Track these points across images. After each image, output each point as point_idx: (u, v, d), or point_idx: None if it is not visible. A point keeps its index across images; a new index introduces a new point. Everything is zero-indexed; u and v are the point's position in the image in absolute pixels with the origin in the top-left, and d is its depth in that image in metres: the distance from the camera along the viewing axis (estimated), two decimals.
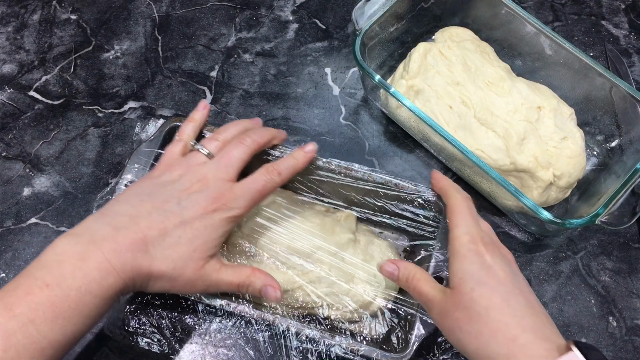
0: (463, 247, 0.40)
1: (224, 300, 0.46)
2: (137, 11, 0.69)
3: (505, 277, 0.38)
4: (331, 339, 0.44)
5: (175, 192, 0.42)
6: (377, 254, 0.50)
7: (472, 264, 0.39)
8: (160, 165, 0.46)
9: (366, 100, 0.63)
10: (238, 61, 0.66)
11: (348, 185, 0.50)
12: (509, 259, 0.41)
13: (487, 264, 0.39)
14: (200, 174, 0.44)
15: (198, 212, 0.41)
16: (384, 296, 0.48)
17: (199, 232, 0.41)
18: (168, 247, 0.40)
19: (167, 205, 0.42)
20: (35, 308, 0.35)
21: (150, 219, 0.41)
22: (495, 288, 0.37)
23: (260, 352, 0.50)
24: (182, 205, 0.42)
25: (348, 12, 0.69)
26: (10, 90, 0.64)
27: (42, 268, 0.37)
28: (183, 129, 0.48)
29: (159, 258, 0.40)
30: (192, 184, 0.43)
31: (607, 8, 0.69)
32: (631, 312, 0.53)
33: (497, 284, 0.38)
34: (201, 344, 0.51)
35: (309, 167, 0.49)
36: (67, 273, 0.37)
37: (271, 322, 0.45)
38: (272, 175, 0.45)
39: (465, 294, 0.38)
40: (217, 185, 0.43)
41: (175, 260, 0.41)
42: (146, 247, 0.40)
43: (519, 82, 0.55)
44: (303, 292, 0.48)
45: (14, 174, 0.59)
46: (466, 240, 0.40)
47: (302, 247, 0.48)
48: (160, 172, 0.45)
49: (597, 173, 0.57)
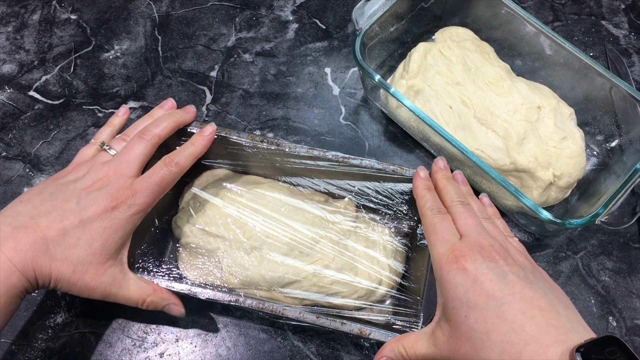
0: (443, 270, 0.38)
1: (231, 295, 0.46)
2: (137, 11, 0.69)
3: (492, 287, 0.36)
4: (341, 326, 0.45)
5: (76, 191, 0.42)
6: (379, 239, 0.51)
7: (457, 287, 0.37)
8: (69, 166, 0.46)
9: (366, 100, 0.63)
10: (238, 61, 0.66)
11: (346, 173, 0.51)
12: (511, 265, 0.38)
13: (471, 278, 0.37)
14: (102, 172, 0.43)
15: (97, 212, 0.41)
16: (388, 282, 0.49)
17: (97, 234, 0.41)
18: (68, 248, 0.40)
19: (66, 204, 0.41)
20: None
21: (49, 218, 0.40)
22: (487, 307, 0.35)
23: (266, 343, 0.50)
24: (82, 205, 0.41)
25: (348, 12, 0.69)
26: (10, 90, 0.64)
27: None
28: (99, 133, 0.49)
29: (59, 259, 0.40)
30: (93, 182, 0.43)
31: (607, 8, 0.69)
32: (631, 312, 0.53)
33: (486, 299, 0.36)
34: (201, 343, 0.51)
35: (307, 159, 0.50)
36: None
37: (279, 313, 0.45)
38: (170, 166, 0.45)
39: (462, 324, 0.36)
40: (118, 182, 0.43)
41: (75, 264, 0.40)
42: (47, 246, 0.39)
43: (519, 82, 0.55)
44: (308, 283, 0.48)
45: (14, 174, 0.59)
46: (444, 261, 0.39)
47: (304, 238, 0.49)
48: (67, 172, 0.45)
49: (597, 173, 0.57)
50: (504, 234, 0.42)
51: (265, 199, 0.50)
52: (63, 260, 0.40)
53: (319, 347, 0.51)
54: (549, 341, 0.33)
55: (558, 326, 0.34)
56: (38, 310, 0.52)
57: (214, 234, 0.50)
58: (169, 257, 0.53)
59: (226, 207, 0.50)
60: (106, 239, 0.42)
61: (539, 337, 0.33)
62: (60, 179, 0.44)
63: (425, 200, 0.44)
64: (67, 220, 0.41)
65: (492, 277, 0.36)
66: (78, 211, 0.41)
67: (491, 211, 0.47)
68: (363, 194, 0.53)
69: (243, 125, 0.62)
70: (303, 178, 0.53)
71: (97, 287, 0.42)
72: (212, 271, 0.49)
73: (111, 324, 0.52)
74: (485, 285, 0.36)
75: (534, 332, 0.33)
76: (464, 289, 0.37)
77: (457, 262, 0.38)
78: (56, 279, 0.40)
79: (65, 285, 0.41)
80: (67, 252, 0.40)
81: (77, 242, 0.41)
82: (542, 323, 0.34)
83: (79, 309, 0.52)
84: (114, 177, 0.43)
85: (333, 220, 0.51)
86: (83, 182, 0.43)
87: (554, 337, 0.33)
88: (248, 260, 0.48)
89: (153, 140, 0.46)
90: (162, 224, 0.53)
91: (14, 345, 0.50)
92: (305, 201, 0.51)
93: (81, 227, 0.41)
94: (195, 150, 0.47)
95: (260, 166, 0.54)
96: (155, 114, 0.49)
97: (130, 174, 0.44)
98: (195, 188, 0.52)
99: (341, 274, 0.48)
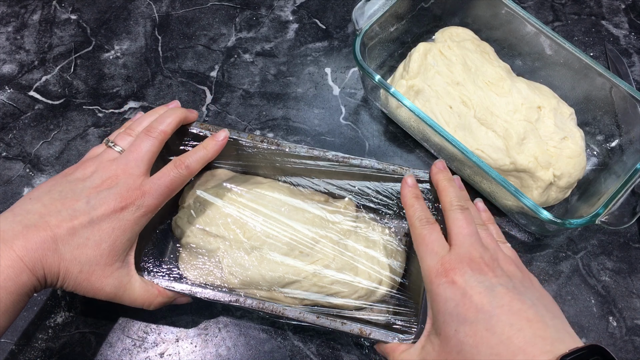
0: (433, 283, 0.39)
1: (231, 295, 0.46)
2: (137, 11, 0.69)
3: (481, 300, 0.36)
4: (341, 326, 0.45)
5: (85, 190, 0.42)
6: (379, 239, 0.51)
7: (448, 302, 0.37)
8: (78, 163, 0.46)
9: (366, 100, 0.63)
10: (238, 61, 0.66)
11: (346, 173, 0.51)
12: (499, 276, 0.38)
13: (460, 291, 0.37)
14: (110, 170, 0.43)
15: (107, 212, 0.41)
16: (389, 282, 0.49)
17: (106, 235, 0.41)
18: (76, 248, 0.40)
19: (76, 203, 0.41)
20: None
21: (59, 217, 0.40)
22: (476, 320, 0.36)
23: (266, 343, 0.50)
24: (91, 205, 0.41)
25: (348, 12, 0.69)
26: (10, 90, 0.64)
27: None
28: (112, 134, 0.49)
29: (67, 258, 0.40)
30: (102, 181, 0.43)
31: (607, 8, 0.69)
32: (631, 312, 0.53)
33: (475, 313, 0.36)
34: (201, 343, 0.51)
35: (307, 159, 0.50)
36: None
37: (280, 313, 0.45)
38: (180, 169, 0.45)
39: (452, 338, 0.36)
40: (127, 182, 0.43)
41: (83, 264, 0.40)
42: (56, 245, 0.40)
43: (519, 82, 0.55)
44: (308, 283, 0.48)
45: (14, 174, 0.59)
46: (434, 275, 0.39)
47: (304, 238, 0.49)
48: (75, 169, 0.45)
49: (597, 173, 0.57)
50: (496, 241, 0.42)
51: (266, 199, 0.50)
52: (72, 259, 0.40)
53: (319, 347, 0.51)
54: (536, 352, 0.33)
55: (545, 337, 0.34)
56: (38, 310, 0.52)
57: (214, 234, 0.50)
58: (169, 257, 0.53)
59: (226, 207, 0.50)
60: (114, 240, 0.42)
61: (526, 349, 0.34)
62: (68, 176, 0.44)
63: (414, 210, 0.44)
64: (77, 220, 0.40)
65: (481, 290, 0.37)
66: (87, 211, 0.41)
67: (485, 216, 0.47)
68: (363, 194, 0.53)
69: (243, 125, 0.62)
70: (303, 178, 0.53)
71: (102, 289, 0.42)
72: (212, 271, 0.49)
73: (111, 324, 0.52)
74: (474, 299, 0.36)
75: (522, 343, 0.34)
76: (454, 302, 0.37)
77: (446, 275, 0.38)
78: (63, 278, 0.40)
79: (71, 284, 0.41)
80: (75, 252, 0.40)
81: (86, 242, 0.41)
82: (530, 334, 0.34)
83: (79, 309, 0.52)
84: (122, 176, 0.43)
85: (333, 220, 0.51)
86: (92, 180, 0.43)
87: (541, 348, 0.33)
88: (248, 260, 0.48)
89: (160, 137, 0.46)
90: (163, 224, 0.53)
91: (14, 346, 0.50)
92: (305, 201, 0.51)
93: (90, 227, 0.41)
94: (206, 155, 0.47)
95: (260, 166, 0.54)
96: (160, 111, 0.49)
97: (139, 172, 0.44)
98: (195, 188, 0.52)
99: (341, 273, 0.48)
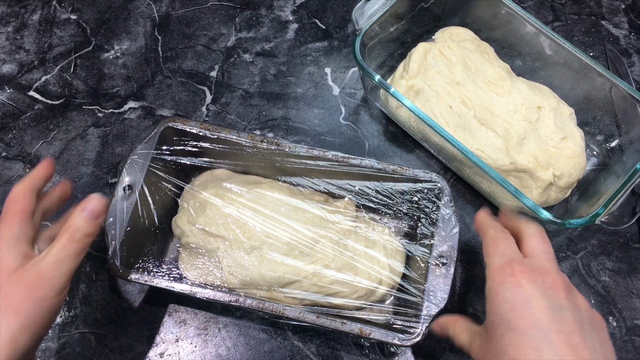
0: (495, 280, 0.36)
1: (231, 295, 0.46)
2: (137, 11, 0.69)
3: (541, 316, 0.33)
4: (341, 325, 0.45)
5: None
6: (379, 239, 0.51)
7: (504, 304, 0.35)
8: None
9: (366, 100, 0.63)
10: (238, 61, 0.66)
11: (345, 173, 0.51)
12: (571, 302, 0.35)
13: (523, 297, 0.34)
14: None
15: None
16: (388, 282, 0.49)
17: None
18: None
19: None
20: None
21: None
22: (526, 333, 0.33)
23: (266, 343, 0.50)
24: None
25: (348, 12, 0.69)
26: (10, 90, 0.64)
27: None
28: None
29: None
30: None
31: (607, 8, 0.69)
32: (631, 312, 0.53)
33: (529, 326, 0.33)
34: (201, 343, 0.51)
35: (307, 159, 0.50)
36: None
37: (279, 313, 0.45)
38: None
39: (496, 341, 0.34)
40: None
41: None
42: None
43: (519, 82, 0.55)
44: (308, 283, 0.48)
45: (14, 174, 0.59)
46: (497, 272, 0.36)
47: (304, 238, 0.49)
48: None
49: (597, 173, 0.57)
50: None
51: (265, 199, 0.50)
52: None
53: (319, 347, 0.51)
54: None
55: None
56: None
57: (214, 234, 0.49)
58: (169, 257, 0.53)
59: (226, 207, 0.50)
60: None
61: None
62: None
63: (489, 222, 0.41)
64: None
65: (546, 306, 0.34)
66: None
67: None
68: (363, 194, 0.53)
69: (243, 125, 0.62)
70: (303, 178, 0.53)
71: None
72: (212, 271, 0.49)
73: (111, 324, 0.52)
74: (534, 311, 0.33)
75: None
76: (510, 306, 0.34)
77: (514, 275, 0.35)
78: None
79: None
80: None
81: None
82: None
83: (79, 309, 0.52)
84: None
85: (333, 220, 0.51)
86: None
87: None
88: (248, 260, 0.48)
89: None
90: (162, 224, 0.53)
91: None
92: (305, 201, 0.51)
93: None
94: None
95: (260, 166, 0.54)
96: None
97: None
98: (195, 188, 0.52)
99: (341, 273, 0.48)
